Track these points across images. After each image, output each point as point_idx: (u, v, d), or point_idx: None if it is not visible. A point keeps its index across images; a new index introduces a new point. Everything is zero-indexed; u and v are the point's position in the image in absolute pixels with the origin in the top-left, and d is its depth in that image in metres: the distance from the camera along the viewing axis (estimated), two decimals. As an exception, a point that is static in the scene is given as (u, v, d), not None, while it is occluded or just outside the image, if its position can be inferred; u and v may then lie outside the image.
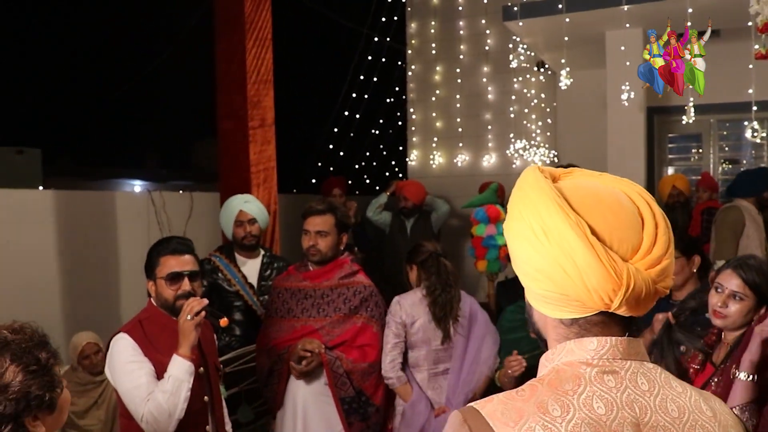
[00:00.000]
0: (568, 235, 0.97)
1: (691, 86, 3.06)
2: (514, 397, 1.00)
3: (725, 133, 6.73)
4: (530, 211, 1.01)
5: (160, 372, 2.38)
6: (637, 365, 1.03)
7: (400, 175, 9.29)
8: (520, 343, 3.09)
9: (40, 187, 7.34)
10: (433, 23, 7.91)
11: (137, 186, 11.68)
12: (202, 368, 2.49)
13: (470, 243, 4.58)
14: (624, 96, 4.46)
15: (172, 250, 2.50)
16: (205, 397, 2.52)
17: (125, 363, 2.36)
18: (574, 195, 1.02)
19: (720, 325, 2.22)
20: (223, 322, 2.54)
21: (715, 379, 2.21)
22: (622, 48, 5.25)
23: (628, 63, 5.08)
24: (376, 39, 8.27)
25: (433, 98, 7.96)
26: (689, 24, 3.01)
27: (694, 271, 3.05)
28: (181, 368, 2.34)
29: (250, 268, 4.03)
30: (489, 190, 4.68)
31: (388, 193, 6.26)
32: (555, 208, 0.99)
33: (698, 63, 2.99)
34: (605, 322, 1.02)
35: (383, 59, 8.38)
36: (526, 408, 0.97)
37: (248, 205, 4.05)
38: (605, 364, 1.01)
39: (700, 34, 2.95)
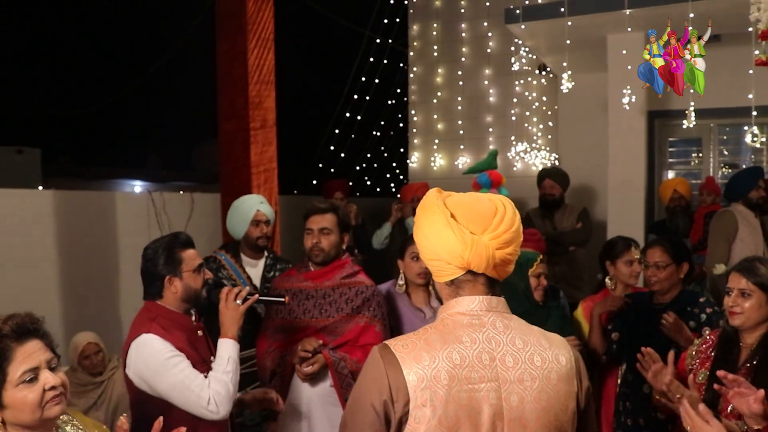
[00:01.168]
0: (438, 219, 1.52)
1: (691, 89, 3.07)
2: (412, 336, 1.51)
3: (725, 137, 6.72)
4: (423, 213, 1.57)
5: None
6: (497, 315, 1.53)
7: (402, 177, 9.29)
8: None
9: (40, 187, 7.33)
10: (435, 25, 7.92)
11: (137, 186, 11.68)
12: None
13: None
14: (625, 100, 4.45)
15: (186, 243, 2.55)
16: None
17: (166, 359, 2.35)
18: (450, 200, 1.57)
19: (738, 324, 2.30)
20: (287, 299, 2.76)
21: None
22: (624, 52, 5.25)
23: (629, 67, 5.08)
24: (378, 41, 8.28)
25: (435, 100, 7.96)
26: (690, 28, 3.00)
27: (681, 277, 3.15)
28: (234, 349, 2.48)
29: (254, 269, 4.03)
30: (489, 156, 4.61)
31: (391, 223, 6.17)
32: (434, 206, 1.55)
33: (698, 63, 2.99)
34: (471, 282, 1.54)
35: (385, 61, 8.39)
36: (418, 342, 1.48)
37: (264, 206, 4.05)
38: (474, 314, 1.51)
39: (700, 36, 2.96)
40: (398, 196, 6.77)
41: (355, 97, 8.28)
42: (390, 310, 3.31)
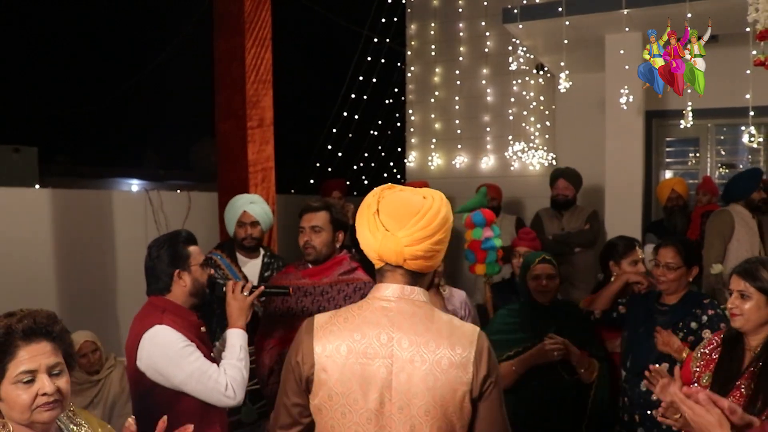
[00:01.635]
0: (364, 216, 1.73)
1: (690, 89, 3.08)
2: (333, 312, 1.75)
3: (722, 137, 6.73)
4: (359, 209, 1.76)
5: None
6: (408, 302, 1.71)
7: (399, 176, 9.29)
8: (503, 345, 3.12)
9: (37, 186, 7.33)
10: (432, 25, 7.92)
11: (135, 185, 11.67)
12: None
13: (467, 247, 4.55)
14: (623, 99, 4.46)
15: (191, 239, 2.60)
16: None
17: (181, 348, 2.39)
18: (387, 198, 1.73)
19: (739, 326, 2.30)
20: (291, 290, 2.84)
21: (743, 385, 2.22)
22: (622, 51, 5.26)
23: (627, 67, 5.09)
24: (375, 40, 8.28)
25: (432, 100, 7.96)
26: (690, 28, 3.01)
27: (690, 280, 3.17)
28: (244, 338, 2.56)
29: (251, 267, 4.01)
30: (479, 194, 4.69)
31: None
32: (365, 203, 1.75)
33: (698, 63, 3.00)
34: (391, 272, 1.73)
35: (383, 60, 8.39)
36: (334, 319, 1.72)
37: (253, 206, 4.02)
38: (385, 298, 1.72)
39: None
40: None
41: (353, 96, 8.27)
42: None
